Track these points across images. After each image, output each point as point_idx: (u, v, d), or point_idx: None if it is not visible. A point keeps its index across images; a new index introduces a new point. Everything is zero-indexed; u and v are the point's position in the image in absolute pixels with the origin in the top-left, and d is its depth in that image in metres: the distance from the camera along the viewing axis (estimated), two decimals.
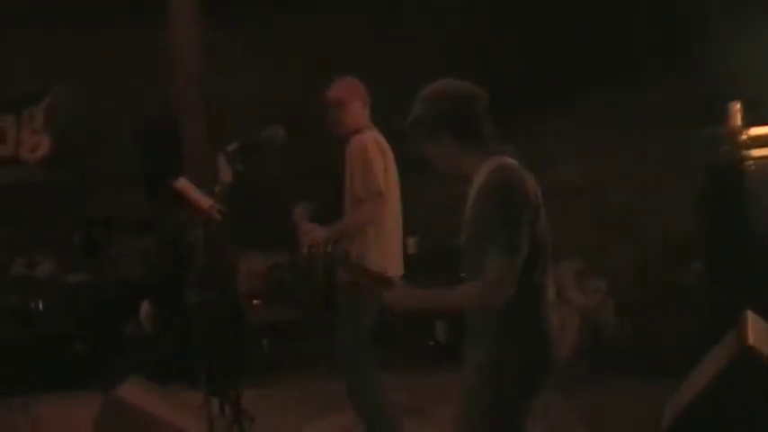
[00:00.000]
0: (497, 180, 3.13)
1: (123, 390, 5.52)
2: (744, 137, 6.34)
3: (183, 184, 5.69)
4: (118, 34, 8.79)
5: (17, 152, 9.12)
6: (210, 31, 7.96)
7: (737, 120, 6.38)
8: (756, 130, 6.35)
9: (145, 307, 7.93)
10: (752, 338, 4.15)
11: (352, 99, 5.32)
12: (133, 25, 8.54)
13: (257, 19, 8.62)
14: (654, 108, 7.70)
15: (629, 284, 7.03)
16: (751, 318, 4.54)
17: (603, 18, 7.95)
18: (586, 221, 7.62)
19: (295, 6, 8.45)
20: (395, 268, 5.27)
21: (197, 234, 4.60)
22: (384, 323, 5.55)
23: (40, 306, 8.05)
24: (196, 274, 4.93)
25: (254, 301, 7.93)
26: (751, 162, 6.31)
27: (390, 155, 5.28)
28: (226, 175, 5.84)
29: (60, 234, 8.71)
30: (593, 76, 7.68)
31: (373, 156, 5.14)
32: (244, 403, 6.00)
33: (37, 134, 9.08)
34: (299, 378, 7.18)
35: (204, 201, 5.62)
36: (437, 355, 7.24)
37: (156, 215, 8.36)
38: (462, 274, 3.30)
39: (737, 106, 6.41)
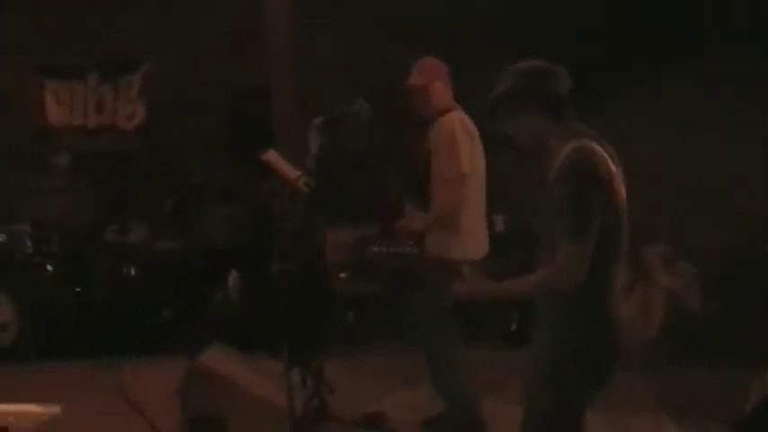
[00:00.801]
0: (574, 163, 3.08)
1: (207, 357, 5.61)
2: None
3: (271, 155, 5.75)
4: (213, 3, 8.88)
5: (114, 120, 9.30)
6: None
7: None
8: None
9: (233, 276, 8.05)
10: None
11: (433, 82, 5.31)
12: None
13: None
14: (740, 89, 7.47)
15: (717, 268, 6.86)
16: None
17: None
18: (674, 204, 7.44)
19: None
20: (477, 249, 5.25)
21: (283, 205, 4.61)
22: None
23: (132, 272, 8.22)
24: (280, 245, 4.95)
25: (341, 274, 7.97)
26: None
27: (476, 134, 5.25)
28: (314, 147, 5.88)
29: (153, 201, 8.87)
30: (680, 53, 7.48)
31: (460, 137, 5.13)
32: (325, 374, 6.07)
33: (133, 103, 9.26)
34: (382, 351, 7.21)
35: (291, 173, 5.67)
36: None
37: (247, 184, 8.45)
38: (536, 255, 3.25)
39: None
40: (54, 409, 2.47)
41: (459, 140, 5.12)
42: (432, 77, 5.31)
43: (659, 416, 5.57)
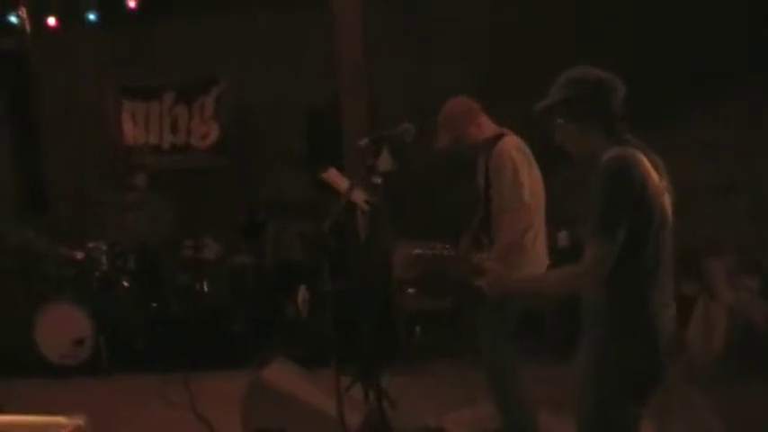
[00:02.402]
0: (605, 168, 3.11)
1: (269, 371, 5.73)
2: None
3: (330, 174, 5.85)
4: (284, 20, 9.04)
5: (188, 140, 9.53)
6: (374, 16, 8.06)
7: None
8: None
9: (302, 291, 8.16)
10: None
11: (463, 130, 5.22)
12: (300, 10, 8.76)
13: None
14: None
15: None
16: None
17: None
18: (743, 219, 7.32)
19: None
20: (539, 267, 5.22)
21: (329, 222, 4.68)
22: (532, 314, 5.54)
23: (206, 287, 8.39)
24: (329, 262, 5.02)
25: (409, 290, 8.01)
26: None
27: (530, 155, 5.21)
28: (383, 165, 5.96)
29: (227, 217, 9.05)
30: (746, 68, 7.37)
31: (519, 166, 5.06)
32: (388, 389, 6.13)
33: (207, 123, 9.47)
34: (448, 367, 7.22)
35: (353, 192, 5.76)
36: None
37: (318, 200, 8.56)
38: None
39: None
40: (78, 420, 2.54)
41: (520, 170, 5.06)
42: (458, 128, 5.22)
43: None
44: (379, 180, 6.08)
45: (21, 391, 6.82)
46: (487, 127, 5.29)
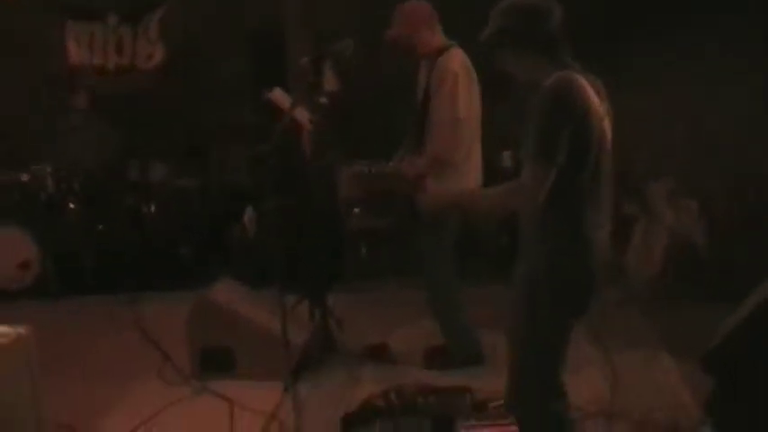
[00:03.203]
0: (546, 91, 3.15)
1: (214, 291, 5.79)
2: None
3: (275, 94, 5.85)
4: None
5: (134, 61, 9.41)
6: None
7: None
8: None
9: (248, 211, 8.18)
10: None
11: (417, 30, 5.25)
12: None
13: None
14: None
15: (723, 207, 6.84)
16: None
17: None
18: (683, 145, 7.38)
19: None
20: (473, 186, 5.28)
21: (273, 140, 4.69)
22: (470, 232, 5.63)
23: (152, 208, 8.38)
24: (274, 182, 5.04)
25: (355, 209, 8.06)
26: None
27: (473, 74, 5.25)
28: (328, 85, 5.96)
29: (172, 140, 9.00)
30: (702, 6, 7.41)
31: (461, 80, 5.12)
32: (335, 308, 6.23)
33: (152, 44, 9.34)
34: (393, 285, 7.34)
35: (297, 111, 5.78)
36: None
37: (264, 123, 8.53)
38: None
39: None
40: (19, 329, 2.57)
41: (460, 84, 5.11)
42: (414, 26, 5.24)
43: (655, 351, 5.63)
44: (324, 99, 6.14)
45: None
46: (439, 37, 5.32)
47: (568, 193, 3.16)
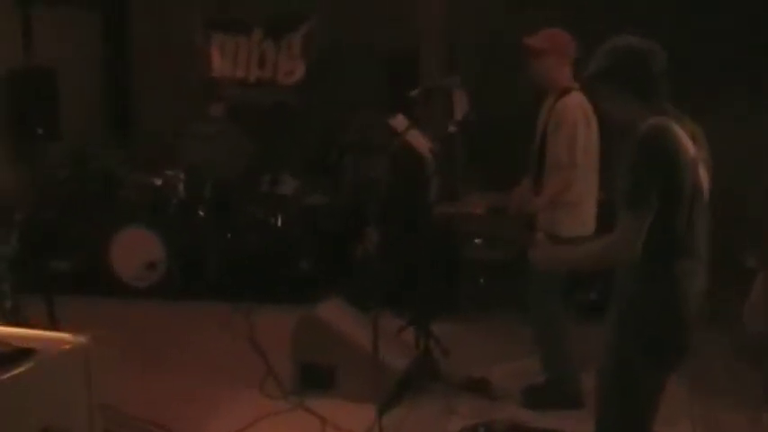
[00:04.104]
0: (638, 138, 3.11)
1: (321, 308, 5.84)
2: None
3: (396, 120, 5.88)
4: None
5: (275, 75, 9.62)
6: None
7: None
8: None
9: (371, 233, 8.22)
10: None
11: (552, 51, 5.21)
12: None
13: None
14: None
15: None
16: None
17: None
18: None
19: None
20: (586, 226, 5.24)
21: (387, 167, 4.74)
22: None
23: (279, 221, 8.52)
24: (396, 208, 5.11)
25: (476, 240, 8.01)
26: None
27: (591, 114, 5.18)
28: (458, 114, 5.98)
29: (305, 155, 9.16)
30: None
31: (580, 126, 5.09)
32: (445, 337, 6.21)
33: (293, 60, 9.53)
34: (506, 318, 7.24)
35: (417, 140, 5.81)
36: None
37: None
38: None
39: None
40: (81, 338, 2.63)
41: (579, 131, 5.09)
42: (552, 47, 5.21)
43: (764, 411, 5.39)
44: (453, 128, 6.16)
45: (91, 309, 7.08)
46: (567, 76, 5.29)
47: (658, 242, 3.10)
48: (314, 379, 5.60)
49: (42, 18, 8.86)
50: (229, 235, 8.38)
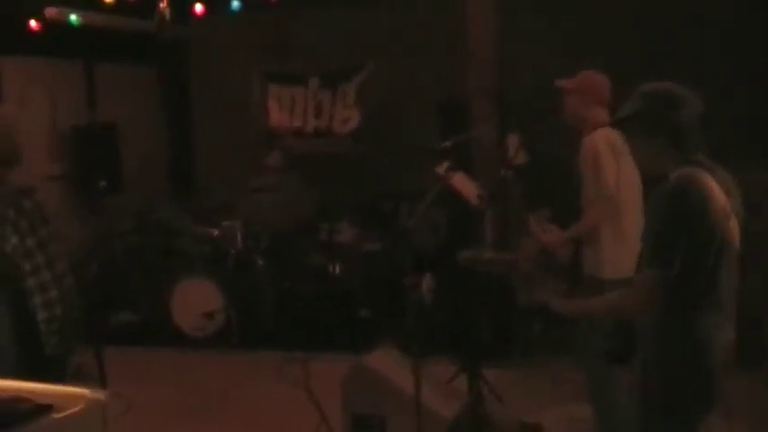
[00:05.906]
0: (665, 189, 3.08)
1: (372, 357, 5.87)
2: None
3: (441, 168, 5.93)
4: (420, 14, 9.15)
5: (331, 124, 9.74)
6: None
7: None
8: None
9: (427, 279, 8.23)
10: None
11: (578, 91, 5.22)
12: (435, 10, 8.87)
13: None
14: None
15: None
16: None
17: None
18: None
19: None
20: (630, 266, 5.17)
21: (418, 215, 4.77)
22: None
23: (338, 269, 8.60)
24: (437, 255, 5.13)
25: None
26: None
27: (624, 150, 5.14)
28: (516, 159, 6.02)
29: (361, 203, 9.24)
30: None
31: (605, 158, 5.02)
32: (497, 382, 6.19)
33: (349, 109, 9.65)
34: (561, 363, 7.19)
35: (463, 185, 5.84)
36: None
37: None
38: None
39: None
40: (100, 394, 2.68)
41: (603, 161, 5.01)
42: (579, 86, 5.22)
43: None
44: (508, 172, 6.18)
45: (151, 359, 7.21)
46: (597, 114, 5.25)
47: (682, 295, 3.05)
48: (365, 429, 5.62)
49: (105, 75, 9.13)
50: (287, 284, 8.48)
